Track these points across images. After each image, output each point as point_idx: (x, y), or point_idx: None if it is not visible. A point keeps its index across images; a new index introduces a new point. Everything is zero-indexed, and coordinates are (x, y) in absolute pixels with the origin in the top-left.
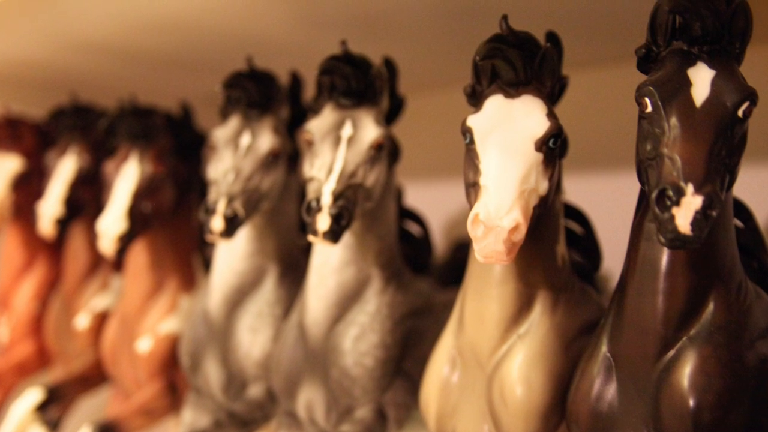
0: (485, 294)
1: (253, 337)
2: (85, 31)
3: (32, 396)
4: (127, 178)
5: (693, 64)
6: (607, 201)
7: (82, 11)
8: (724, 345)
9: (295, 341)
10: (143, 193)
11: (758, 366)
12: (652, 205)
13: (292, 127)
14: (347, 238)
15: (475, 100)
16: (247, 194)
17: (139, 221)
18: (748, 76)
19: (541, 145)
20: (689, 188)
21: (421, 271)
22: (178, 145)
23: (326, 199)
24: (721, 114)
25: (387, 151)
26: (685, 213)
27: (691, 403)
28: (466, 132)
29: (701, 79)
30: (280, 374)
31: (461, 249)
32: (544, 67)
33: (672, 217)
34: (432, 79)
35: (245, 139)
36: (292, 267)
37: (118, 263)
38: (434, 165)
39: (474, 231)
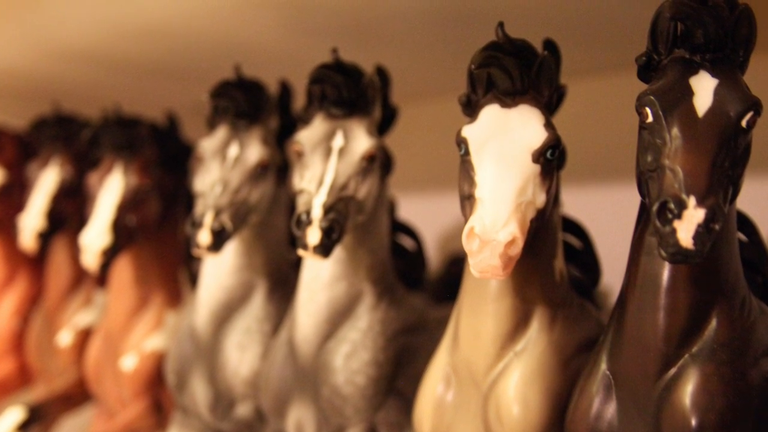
0: (481, 310)
1: (242, 354)
2: (68, 38)
3: (13, 415)
4: (111, 190)
5: (695, 72)
6: (607, 214)
7: (65, 18)
8: (727, 362)
9: (284, 359)
10: (128, 206)
11: (762, 384)
12: (653, 218)
13: (281, 137)
14: (338, 252)
15: (471, 109)
16: (235, 207)
17: (123, 235)
18: (751, 84)
19: (539, 156)
20: (691, 201)
21: (415, 287)
22: (163, 157)
23: (316, 212)
24: (724, 124)
25: (379, 163)
26: (686, 226)
27: (694, 422)
28: (461, 143)
29: (703, 89)
30: (269, 392)
31: (456, 263)
32: (542, 76)
33: (673, 231)
34: (426, 88)
35: (233, 150)
36: (282, 282)
37: (101, 278)
38: (428, 177)
39: (469, 245)
